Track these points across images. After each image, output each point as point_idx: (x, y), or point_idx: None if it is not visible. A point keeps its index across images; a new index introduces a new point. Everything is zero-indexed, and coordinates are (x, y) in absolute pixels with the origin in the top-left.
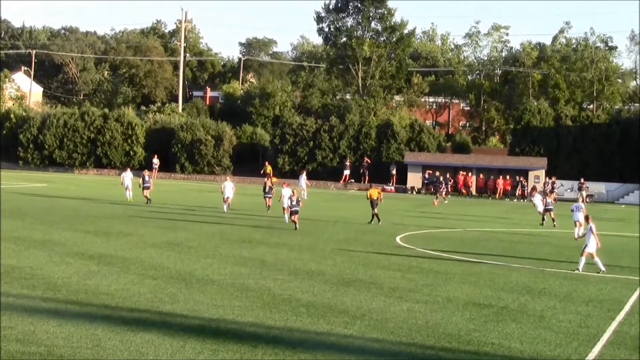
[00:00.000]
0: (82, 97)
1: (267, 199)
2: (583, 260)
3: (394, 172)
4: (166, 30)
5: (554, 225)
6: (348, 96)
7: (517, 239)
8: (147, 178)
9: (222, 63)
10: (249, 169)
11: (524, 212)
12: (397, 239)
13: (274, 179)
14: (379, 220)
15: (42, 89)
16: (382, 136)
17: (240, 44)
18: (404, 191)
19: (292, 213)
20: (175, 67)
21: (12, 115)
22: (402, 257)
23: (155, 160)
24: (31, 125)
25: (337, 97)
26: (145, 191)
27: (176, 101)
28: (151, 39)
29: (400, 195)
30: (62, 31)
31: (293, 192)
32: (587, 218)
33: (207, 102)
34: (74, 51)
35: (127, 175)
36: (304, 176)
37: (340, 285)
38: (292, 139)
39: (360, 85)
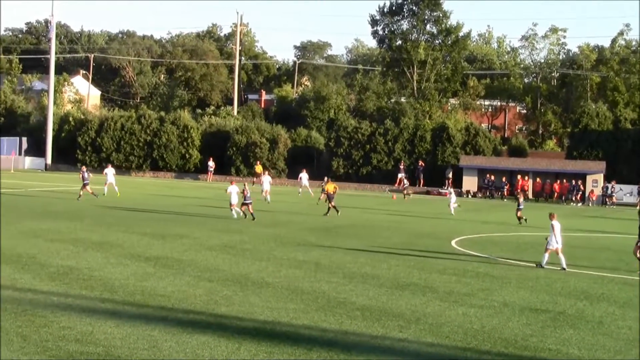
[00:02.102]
0: (138, 100)
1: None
2: (546, 256)
3: (450, 175)
4: (222, 34)
5: (520, 224)
6: (403, 99)
7: (575, 243)
8: (86, 175)
9: (277, 66)
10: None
11: (582, 216)
12: (453, 242)
13: (257, 180)
14: (337, 211)
15: (100, 92)
16: (437, 139)
17: (295, 47)
18: (459, 195)
19: (243, 204)
20: (231, 70)
21: (70, 118)
22: (458, 261)
23: (211, 163)
24: (89, 128)
25: (392, 100)
26: (86, 187)
27: (231, 104)
28: (207, 43)
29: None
30: (120, 35)
31: (245, 187)
32: (551, 216)
33: (262, 105)
34: (131, 55)
35: (110, 172)
36: (305, 174)
37: (395, 288)
38: (347, 142)
39: (415, 88)
